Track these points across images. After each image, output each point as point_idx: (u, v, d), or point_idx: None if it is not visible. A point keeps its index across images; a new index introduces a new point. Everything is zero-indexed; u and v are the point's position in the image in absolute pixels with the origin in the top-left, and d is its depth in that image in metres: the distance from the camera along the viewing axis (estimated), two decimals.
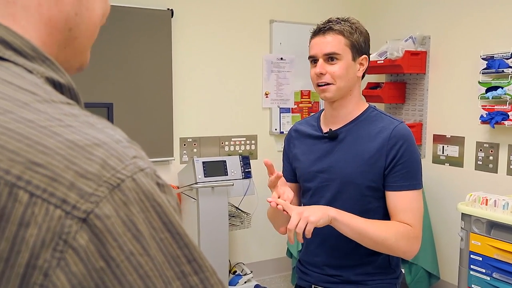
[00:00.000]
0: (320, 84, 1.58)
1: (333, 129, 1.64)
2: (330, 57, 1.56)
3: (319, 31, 1.58)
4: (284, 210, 1.45)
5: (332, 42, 1.55)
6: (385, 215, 1.58)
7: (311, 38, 1.62)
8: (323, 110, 1.74)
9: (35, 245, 0.37)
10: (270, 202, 1.47)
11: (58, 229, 0.37)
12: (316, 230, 1.63)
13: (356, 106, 1.64)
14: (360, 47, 1.58)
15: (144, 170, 0.42)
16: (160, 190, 0.43)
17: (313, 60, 1.60)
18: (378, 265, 1.61)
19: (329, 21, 1.59)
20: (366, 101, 4.32)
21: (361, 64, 1.60)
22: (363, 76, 1.65)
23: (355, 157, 1.58)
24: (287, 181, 1.75)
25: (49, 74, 0.48)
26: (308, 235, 1.40)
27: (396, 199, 1.54)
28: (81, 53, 0.57)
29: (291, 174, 1.75)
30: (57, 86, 0.48)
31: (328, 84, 1.57)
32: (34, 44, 0.48)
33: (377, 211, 1.58)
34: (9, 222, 0.37)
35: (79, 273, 0.37)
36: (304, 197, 1.70)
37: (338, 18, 1.59)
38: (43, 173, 0.38)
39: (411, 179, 1.54)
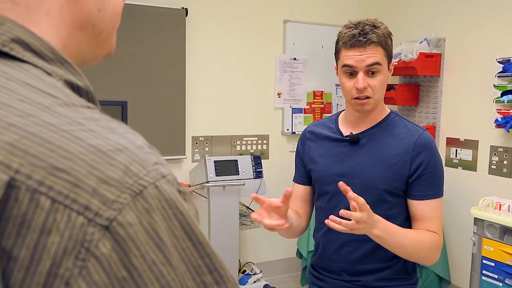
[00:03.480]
0: (360, 97, 1.52)
1: (354, 133, 1.60)
2: (371, 70, 1.50)
3: (358, 43, 1.48)
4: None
5: (374, 55, 1.49)
6: (405, 221, 1.57)
7: (346, 47, 1.51)
8: (340, 112, 1.71)
9: (56, 253, 0.36)
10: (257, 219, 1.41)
11: (80, 237, 0.37)
12: (334, 235, 1.61)
13: (380, 112, 1.62)
14: (391, 53, 1.55)
15: (166, 177, 0.42)
16: (181, 198, 0.42)
17: (349, 72, 1.52)
18: (396, 270, 1.60)
19: (365, 32, 1.49)
20: None
21: (390, 70, 1.58)
22: None
23: (378, 162, 1.55)
24: (299, 183, 1.73)
25: (68, 77, 0.47)
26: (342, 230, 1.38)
27: (422, 207, 1.53)
28: (106, 42, 0.56)
29: (304, 176, 1.72)
30: (75, 88, 0.48)
31: (367, 97, 1.52)
32: (53, 46, 0.47)
33: (398, 217, 1.56)
34: (30, 229, 0.36)
35: (101, 282, 0.37)
36: (320, 200, 1.66)
37: (368, 25, 1.50)
38: (66, 178, 0.37)
39: (436, 188, 1.54)
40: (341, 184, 1.37)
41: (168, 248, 0.39)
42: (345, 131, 1.63)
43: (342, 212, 1.35)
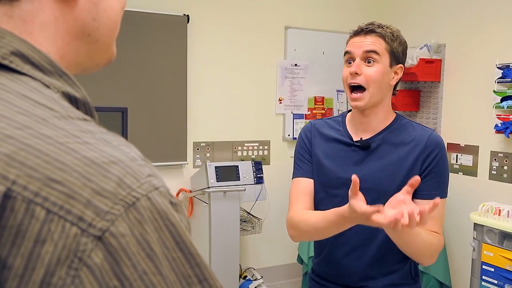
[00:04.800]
0: (352, 84, 1.52)
1: (364, 138, 1.58)
2: (368, 59, 1.51)
3: (360, 31, 1.54)
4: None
5: (373, 43, 1.51)
6: None
7: (350, 37, 1.57)
8: (345, 113, 1.68)
9: (50, 262, 0.37)
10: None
11: (73, 247, 0.38)
12: (343, 240, 1.58)
13: (387, 115, 1.60)
14: (398, 55, 1.54)
15: (159, 189, 0.43)
16: (173, 209, 0.43)
17: (349, 60, 1.55)
18: (402, 274, 1.59)
19: (371, 23, 1.55)
20: None
21: (396, 73, 1.56)
22: (395, 87, 1.61)
23: (391, 167, 1.54)
24: (305, 177, 1.65)
25: (65, 89, 0.48)
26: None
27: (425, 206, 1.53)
28: (105, 51, 0.57)
29: (310, 170, 1.64)
30: (73, 100, 0.49)
31: (360, 89, 1.51)
32: (52, 58, 0.48)
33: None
34: (25, 238, 0.37)
35: None
36: (327, 204, 1.57)
37: (380, 24, 1.56)
38: (61, 190, 0.39)
39: (441, 188, 1.54)
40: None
41: (159, 258, 0.40)
42: (354, 135, 1.61)
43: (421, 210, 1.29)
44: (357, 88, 1.53)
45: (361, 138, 1.59)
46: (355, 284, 1.60)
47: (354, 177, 1.32)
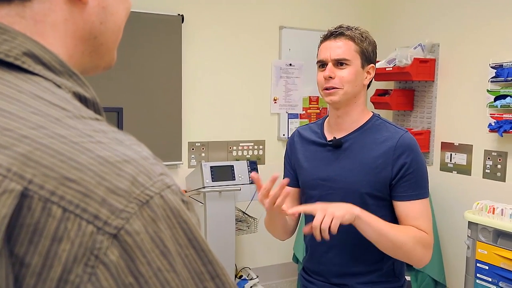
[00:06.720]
0: (327, 88, 1.58)
1: (337, 137, 1.63)
2: (340, 62, 1.57)
3: (330, 35, 1.60)
4: (305, 212, 1.49)
5: (343, 47, 1.56)
6: None
7: (321, 42, 1.63)
8: (326, 117, 1.74)
9: (67, 260, 0.38)
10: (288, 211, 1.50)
11: (90, 245, 0.38)
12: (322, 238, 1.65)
13: (361, 115, 1.64)
14: (368, 55, 1.60)
15: (171, 187, 0.44)
16: (185, 207, 0.44)
17: (322, 64, 1.61)
18: (383, 273, 1.61)
19: (340, 26, 1.60)
20: (374, 108, 4.25)
21: (368, 72, 1.61)
22: (368, 86, 1.66)
23: (360, 166, 1.57)
24: (288, 185, 1.71)
25: (76, 89, 0.49)
26: (334, 231, 1.39)
27: (407, 208, 1.54)
28: (108, 55, 0.58)
29: (293, 178, 1.74)
30: (83, 100, 0.49)
31: (335, 88, 1.57)
32: (62, 59, 0.49)
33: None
34: (42, 236, 0.38)
35: None
36: (308, 204, 1.69)
37: (348, 26, 1.61)
38: (76, 188, 0.39)
39: (419, 189, 1.55)
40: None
41: (172, 256, 0.41)
42: (329, 135, 1.66)
43: (305, 229, 1.46)
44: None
45: (334, 138, 1.64)
46: (333, 281, 1.64)
47: (253, 174, 1.52)
